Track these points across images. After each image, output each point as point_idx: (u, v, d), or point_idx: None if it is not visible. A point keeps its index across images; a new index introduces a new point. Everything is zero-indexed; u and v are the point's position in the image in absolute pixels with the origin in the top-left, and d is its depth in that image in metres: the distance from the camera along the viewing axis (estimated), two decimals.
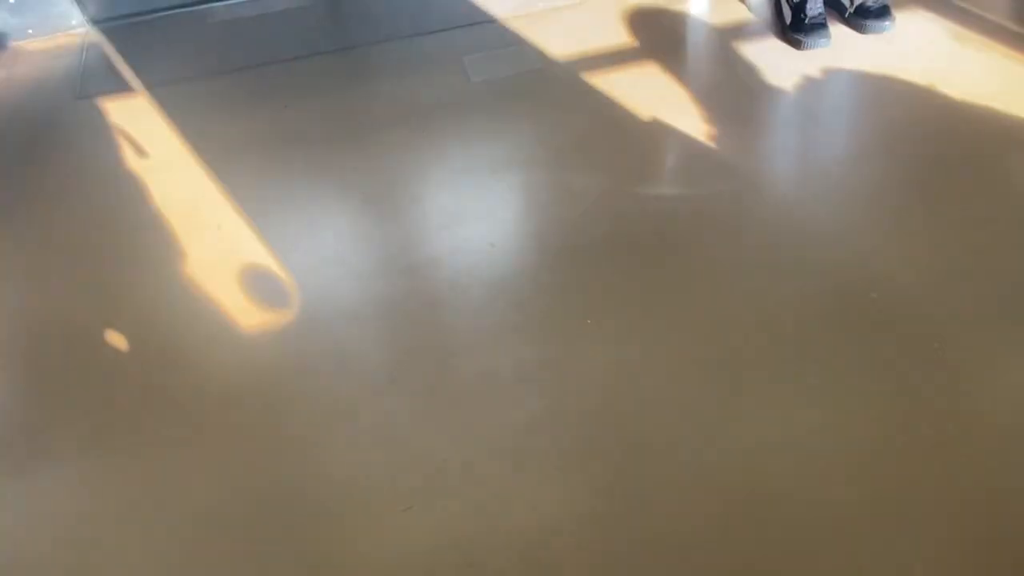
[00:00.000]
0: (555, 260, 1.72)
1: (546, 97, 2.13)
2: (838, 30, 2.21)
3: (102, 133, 2.15)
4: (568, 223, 1.80)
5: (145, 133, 2.13)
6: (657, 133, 1.99)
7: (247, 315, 1.66)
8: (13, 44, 2.50)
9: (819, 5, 2.18)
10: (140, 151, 2.09)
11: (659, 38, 2.27)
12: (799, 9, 2.18)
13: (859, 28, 2.21)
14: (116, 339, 1.64)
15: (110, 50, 2.44)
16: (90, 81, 2.33)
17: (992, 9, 2.20)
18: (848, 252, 1.66)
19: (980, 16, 2.19)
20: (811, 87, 2.07)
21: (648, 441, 1.38)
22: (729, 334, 1.54)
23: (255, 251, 1.79)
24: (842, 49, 2.16)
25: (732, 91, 2.08)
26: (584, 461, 1.37)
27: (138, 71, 2.34)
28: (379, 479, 1.38)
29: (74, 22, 2.52)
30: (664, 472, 1.34)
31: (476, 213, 1.86)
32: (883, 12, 2.19)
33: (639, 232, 1.76)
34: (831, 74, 2.09)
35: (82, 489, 1.42)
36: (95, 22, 2.53)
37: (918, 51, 2.12)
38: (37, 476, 1.44)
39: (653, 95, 2.07)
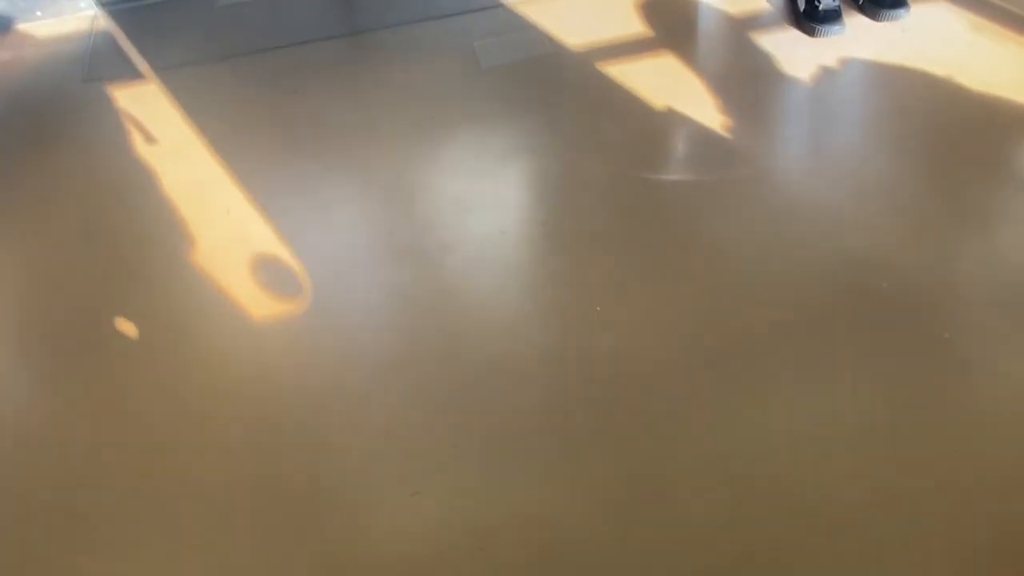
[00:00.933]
0: (565, 247, 1.71)
1: (557, 83, 2.11)
2: (853, 18, 2.18)
3: (110, 116, 2.14)
4: (579, 210, 1.79)
5: (153, 117, 2.12)
6: (669, 120, 1.97)
7: (257, 301, 1.66)
8: (22, 26, 2.49)
9: None
10: (148, 135, 2.08)
11: (671, 25, 2.25)
12: None
13: (874, 16, 2.18)
14: (124, 325, 1.64)
15: (119, 33, 2.43)
16: (98, 64, 2.32)
17: None
18: (861, 241, 1.65)
19: (997, 5, 2.17)
20: (825, 75, 2.05)
21: (657, 429, 1.38)
22: (740, 322, 1.53)
23: (265, 237, 1.79)
24: (857, 37, 2.13)
25: (745, 78, 2.07)
26: (593, 448, 1.37)
27: (147, 54, 2.33)
28: (388, 464, 1.38)
29: (83, 5, 2.51)
30: (672, 460, 1.34)
31: (487, 199, 1.85)
32: (898, 0, 2.17)
33: (650, 219, 1.75)
34: (845, 62, 2.07)
35: (90, 480, 1.42)
36: (104, 5, 2.52)
37: (933, 40, 2.09)
38: (43, 462, 1.45)
39: (664, 82, 2.06)
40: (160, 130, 2.09)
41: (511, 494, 1.32)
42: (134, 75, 2.27)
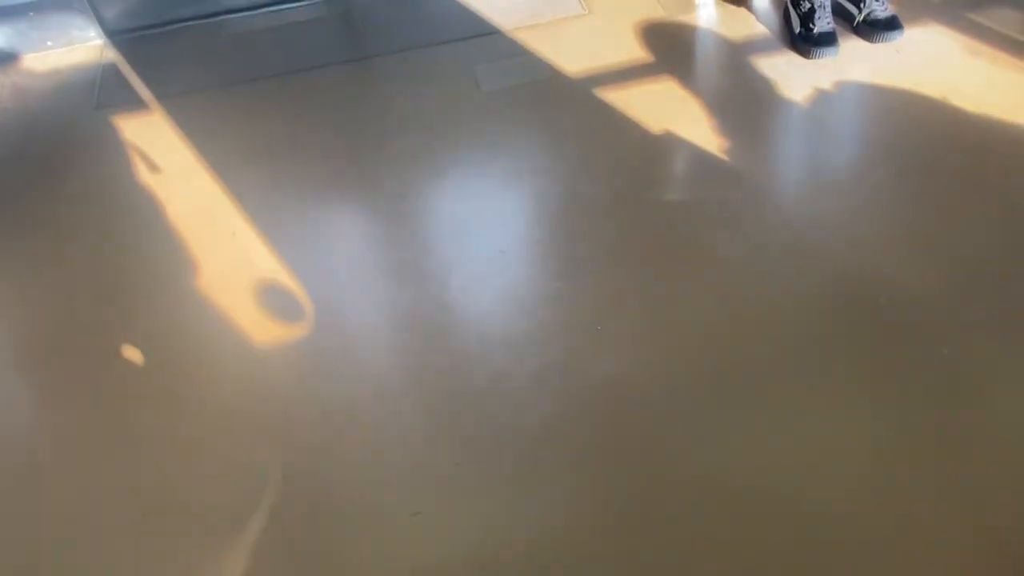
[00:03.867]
0: (565, 267, 1.73)
1: (556, 106, 2.15)
2: (848, 40, 2.21)
3: (119, 143, 2.18)
4: (578, 231, 1.81)
5: (161, 143, 2.16)
6: (666, 142, 2.00)
7: (260, 324, 1.68)
8: (32, 55, 2.54)
9: (828, 14, 2.19)
10: (156, 160, 2.11)
11: (667, 48, 2.29)
12: (808, 19, 2.19)
13: (868, 37, 2.21)
14: (130, 348, 1.66)
15: (128, 61, 2.47)
16: (108, 92, 2.37)
17: (1002, 22, 2.20)
18: (857, 259, 1.66)
19: (990, 28, 2.19)
20: (820, 97, 2.07)
21: (659, 447, 1.39)
22: (738, 341, 1.54)
23: (268, 260, 1.81)
24: (851, 59, 2.16)
25: (741, 100, 2.09)
26: (596, 466, 1.37)
27: (155, 82, 2.38)
28: (388, 485, 1.39)
29: (92, 34, 2.56)
30: (675, 479, 1.34)
31: (487, 221, 1.87)
32: (892, 23, 2.20)
33: (648, 239, 1.77)
34: (840, 84, 2.10)
35: (95, 497, 1.43)
36: (113, 34, 2.57)
37: (927, 62, 2.12)
38: (51, 483, 1.46)
39: (662, 104, 2.09)
40: (167, 155, 2.12)
41: (513, 514, 1.33)
42: (142, 102, 2.31)
